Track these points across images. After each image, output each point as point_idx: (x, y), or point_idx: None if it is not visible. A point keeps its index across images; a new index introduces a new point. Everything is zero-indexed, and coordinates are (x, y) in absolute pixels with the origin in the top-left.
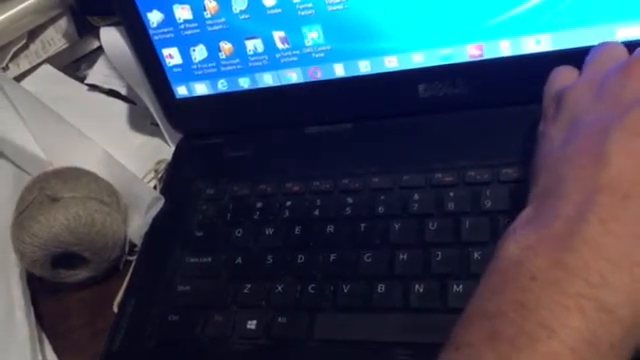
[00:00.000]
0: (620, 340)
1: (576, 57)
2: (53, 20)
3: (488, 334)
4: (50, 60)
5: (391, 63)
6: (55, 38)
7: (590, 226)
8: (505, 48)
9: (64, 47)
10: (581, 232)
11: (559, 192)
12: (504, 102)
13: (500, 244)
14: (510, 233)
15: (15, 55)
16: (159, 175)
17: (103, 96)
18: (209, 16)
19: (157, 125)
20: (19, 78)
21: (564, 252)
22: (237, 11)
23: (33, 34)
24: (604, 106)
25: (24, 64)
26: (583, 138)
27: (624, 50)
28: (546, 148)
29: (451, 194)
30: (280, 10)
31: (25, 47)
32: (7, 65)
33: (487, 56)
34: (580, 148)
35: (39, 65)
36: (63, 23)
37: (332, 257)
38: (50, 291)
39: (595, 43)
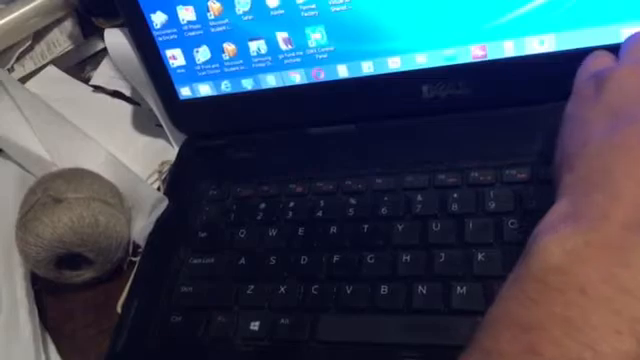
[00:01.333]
0: None
1: (580, 58)
2: (58, 22)
3: (526, 348)
4: (55, 61)
5: (394, 64)
6: (60, 40)
7: None
8: (509, 49)
9: (69, 49)
10: (638, 245)
11: (607, 188)
12: (508, 103)
13: (536, 241)
14: (548, 230)
15: (20, 56)
16: (163, 176)
17: (107, 97)
18: (212, 17)
19: (161, 126)
20: (24, 79)
21: (618, 267)
22: (240, 12)
23: (38, 35)
24: None
25: (29, 65)
26: (635, 128)
27: None
28: (584, 132)
29: (455, 195)
30: (283, 11)
31: (30, 48)
32: (12, 66)
33: (491, 57)
34: (632, 139)
35: (44, 66)
36: (68, 25)
37: (335, 258)
38: (54, 292)
39: (599, 43)
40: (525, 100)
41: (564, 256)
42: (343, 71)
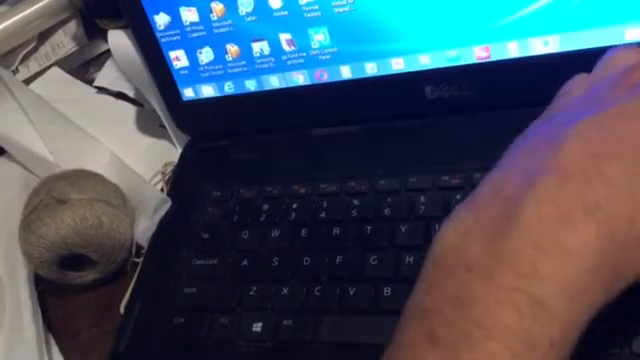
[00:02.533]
0: (560, 338)
1: (584, 59)
2: (62, 23)
3: (428, 334)
4: (59, 63)
5: (398, 65)
6: (64, 41)
7: (525, 208)
8: (512, 50)
9: (73, 50)
10: (517, 215)
11: (503, 173)
12: (511, 104)
13: (440, 228)
14: (450, 216)
15: (25, 58)
16: (166, 177)
17: (111, 99)
18: (215, 18)
19: (164, 127)
20: (28, 81)
21: (499, 238)
22: (243, 13)
23: (43, 37)
24: (583, 104)
25: (33, 67)
26: (547, 128)
27: (637, 56)
28: (517, 139)
29: (458, 196)
30: (286, 12)
31: (35, 50)
32: (17, 68)
33: (494, 58)
34: (541, 137)
35: (48, 68)
36: (72, 26)
37: (338, 259)
38: (57, 293)
39: (603, 44)
40: (529, 101)
41: (457, 237)
42: (346, 72)
